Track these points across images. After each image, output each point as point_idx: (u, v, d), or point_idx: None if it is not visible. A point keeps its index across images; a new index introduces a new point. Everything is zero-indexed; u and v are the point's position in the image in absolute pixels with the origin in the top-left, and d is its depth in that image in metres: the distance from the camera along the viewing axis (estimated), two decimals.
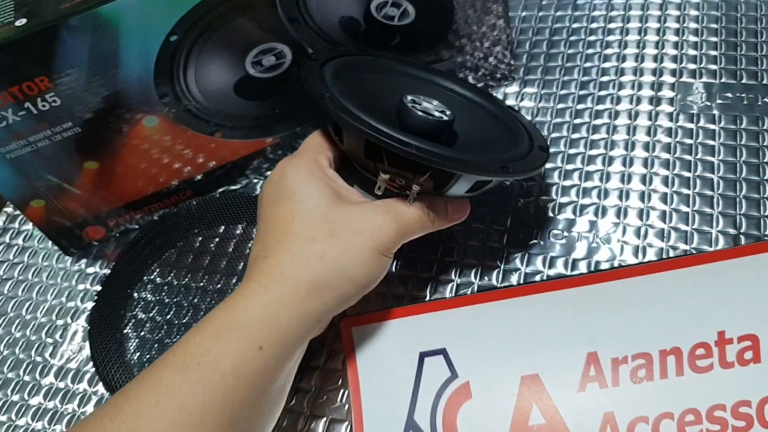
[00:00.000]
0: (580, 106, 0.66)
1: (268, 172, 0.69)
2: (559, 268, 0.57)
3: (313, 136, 0.54)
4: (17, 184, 0.60)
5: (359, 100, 0.50)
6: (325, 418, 0.53)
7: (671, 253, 0.56)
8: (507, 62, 0.68)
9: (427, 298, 0.57)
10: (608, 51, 0.70)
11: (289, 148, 0.68)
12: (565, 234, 0.59)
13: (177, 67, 0.58)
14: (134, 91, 0.58)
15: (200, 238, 0.66)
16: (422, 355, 0.52)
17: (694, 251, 0.55)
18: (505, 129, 0.55)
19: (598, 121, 0.65)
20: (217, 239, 0.65)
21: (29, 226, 0.73)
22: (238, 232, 0.66)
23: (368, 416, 0.51)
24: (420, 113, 0.50)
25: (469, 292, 0.57)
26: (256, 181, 0.70)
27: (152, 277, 0.64)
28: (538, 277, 0.57)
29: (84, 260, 0.68)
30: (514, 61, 0.69)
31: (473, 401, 0.50)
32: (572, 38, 0.72)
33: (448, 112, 0.52)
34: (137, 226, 0.69)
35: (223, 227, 0.66)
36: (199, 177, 0.67)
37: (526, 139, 0.54)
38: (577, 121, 0.65)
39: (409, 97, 0.52)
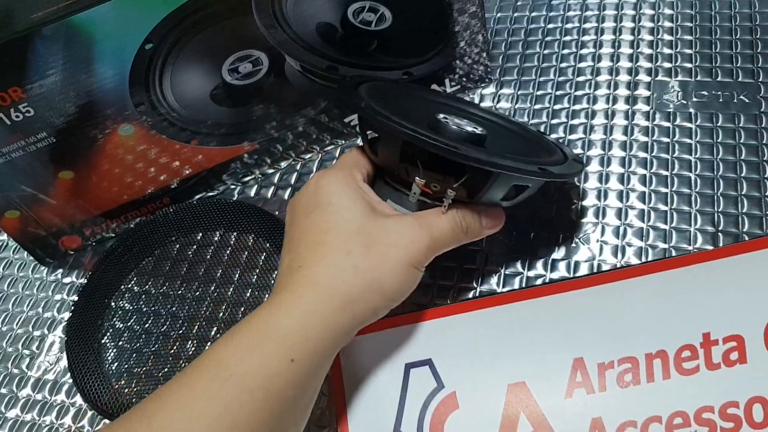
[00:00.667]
0: (557, 107, 0.67)
1: (246, 178, 0.69)
2: (539, 269, 0.57)
3: (349, 152, 0.54)
4: None
5: (393, 114, 0.50)
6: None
7: (650, 252, 0.56)
8: (484, 63, 0.68)
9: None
10: (584, 51, 0.70)
11: (266, 153, 0.68)
12: (544, 234, 0.59)
13: (152, 75, 0.57)
14: (109, 99, 0.57)
15: (178, 246, 0.65)
16: (408, 366, 0.52)
17: (673, 250, 0.56)
18: (537, 145, 0.56)
19: (575, 121, 0.65)
20: (195, 246, 0.65)
21: (4, 236, 0.72)
22: (216, 238, 0.65)
23: (354, 428, 0.50)
24: (453, 126, 0.51)
25: (449, 302, 0.57)
26: (233, 186, 0.69)
27: (130, 285, 0.64)
28: (517, 279, 0.57)
29: (60, 270, 0.68)
30: (490, 62, 0.69)
31: (460, 411, 0.50)
32: (547, 39, 0.72)
33: (479, 129, 0.52)
34: (114, 235, 0.68)
35: (200, 234, 0.66)
36: (175, 184, 0.66)
37: (559, 152, 0.54)
38: (555, 121, 0.66)
39: (441, 115, 0.52)
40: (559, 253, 0.58)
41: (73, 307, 0.62)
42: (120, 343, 0.60)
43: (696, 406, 0.47)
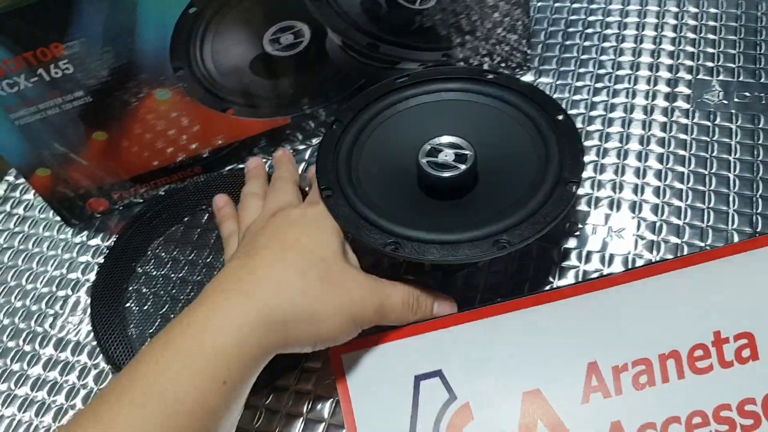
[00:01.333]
0: (596, 98, 0.66)
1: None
2: (573, 260, 0.57)
3: None
4: (24, 152, 0.59)
5: (376, 168, 0.55)
6: None
7: (686, 250, 0.55)
8: (522, 50, 0.67)
9: None
10: (624, 45, 0.70)
11: (298, 129, 0.67)
12: (580, 226, 0.58)
13: (194, 41, 0.57)
14: (149, 62, 0.56)
15: (207, 215, 0.65)
16: (417, 379, 0.51)
17: (708, 248, 0.55)
18: (537, 156, 0.54)
19: (614, 114, 0.65)
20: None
21: (30, 195, 0.72)
22: None
23: None
24: (434, 174, 0.53)
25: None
26: (264, 160, 0.69)
27: (157, 251, 0.63)
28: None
29: (86, 232, 0.67)
30: (530, 50, 0.68)
31: (476, 422, 0.49)
32: (588, 30, 0.72)
33: (469, 154, 0.54)
34: (141, 200, 0.68)
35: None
36: (206, 153, 0.66)
37: (555, 167, 0.53)
38: (593, 113, 0.65)
39: (428, 147, 0.55)
40: (593, 245, 0.57)
41: (98, 270, 0.62)
42: (145, 307, 0.60)
43: (713, 404, 0.46)
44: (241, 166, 0.68)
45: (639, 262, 0.56)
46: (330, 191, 0.54)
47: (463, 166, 0.54)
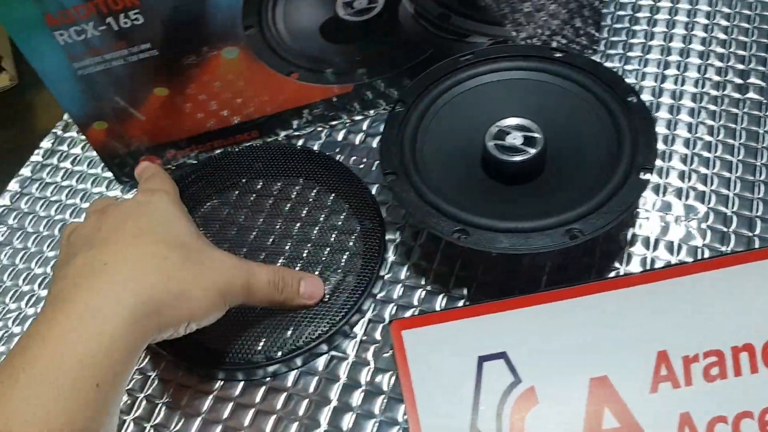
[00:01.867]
0: (664, 85, 0.65)
1: (333, 122, 0.67)
2: (639, 247, 0.56)
3: (164, 176, 0.55)
4: (84, 103, 0.58)
5: (440, 150, 0.54)
6: (374, 420, 0.51)
7: (757, 243, 0.54)
8: (590, 33, 0.66)
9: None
10: (696, 32, 0.68)
11: (357, 99, 0.66)
12: (647, 212, 0.57)
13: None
14: (221, 18, 0.55)
15: (261, 182, 0.63)
16: (481, 359, 0.50)
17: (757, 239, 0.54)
18: (608, 140, 0.53)
19: (682, 101, 0.63)
20: (278, 185, 0.63)
21: (78, 150, 0.70)
22: (297, 187, 0.62)
23: (426, 425, 0.48)
24: (502, 159, 0.52)
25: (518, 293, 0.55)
26: (320, 129, 0.67)
27: (206, 210, 0.61)
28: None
29: (135, 191, 0.66)
30: (598, 33, 0.67)
31: (541, 407, 0.48)
32: (657, 16, 0.70)
33: (538, 138, 0.52)
34: (195, 161, 0.66)
35: (281, 181, 0.63)
36: (264, 118, 0.64)
37: (627, 154, 0.51)
38: (661, 99, 0.64)
39: (494, 130, 0.53)
40: (665, 234, 0.56)
41: None
42: None
43: None
44: (296, 133, 0.67)
45: (707, 253, 0.54)
46: (394, 175, 0.52)
47: (532, 151, 0.52)
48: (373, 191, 0.62)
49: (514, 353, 0.50)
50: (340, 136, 0.67)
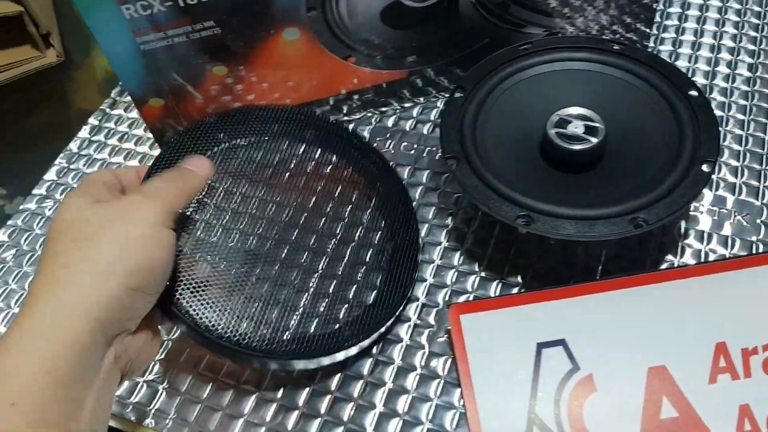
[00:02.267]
0: (715, 82, 0.65)
1: (383, 108, 0.67)
2: (692, 239, 0.56)
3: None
4: (143, 79, 0.58)
5: (500, 137, 0.54)
6: (429, 403, 0.51)
7: None
8: (641, 29, 0.66)
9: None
10: (747, 32, 0.68)
11: (408, 86, 0.66)
12: (702, 206, 0.57)
13: None
14: None
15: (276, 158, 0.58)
16: (539, 346, 0.50)
17: None
18: (669, 132, 0.53)
19: (734, 97, 0.64)
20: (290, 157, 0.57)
21: (124, 127, 0.70)
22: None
23: (483, 409, 0.49)
24: (564, 147, 0.52)
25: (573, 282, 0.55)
26: (369, 115, 0.67)
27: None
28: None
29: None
30: (649, 29, 0.67)
31: (599, 394, 0.48)
32: (708, 14, 0.70)
33: (600, 127, 0.53)
34: (245, 142, 0.66)
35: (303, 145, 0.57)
36: (316, 102, 0.65)
37: (688, 147, 0.52)
38: (712, 96, 0.64)
39: (555, 118, 0.53)
40: (728, 230, 0.56)
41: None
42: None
43: None
44: (346, 117, 0.67)
45: (761, 248, 0.55)
46: (455, 160, 0.53)
47: (594, 140, 0.53)
48: (424, 178, 0.62)
49: (573, 341, 0.50)
50: (390, 122, 0.67)
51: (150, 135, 0.69)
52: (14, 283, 0.60)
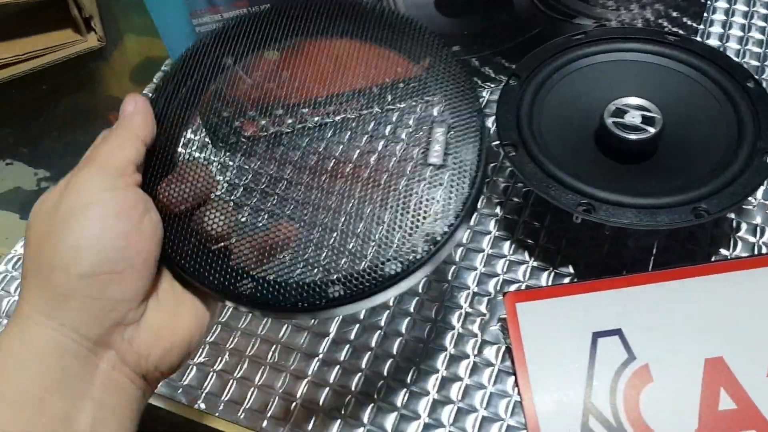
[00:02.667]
0: (765, 76, 0.65)
1: (430, 97, 0.67)
2: (744, 233, 0.56)
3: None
4: None
5: (556, 126, 0.54)
6: (483, 391, 0.51)
7: None
8: (689, 24, 0.66)
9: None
10: None
11: None
12: (754, 199, 0.57)
13: None
14: None
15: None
16: (595, 335, 0.50)
17: None
18: (727, 123, 0.53)
19: None
20: None
21: None
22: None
23: (539, 397, 0.49)
24: (622, 136, 0.52)
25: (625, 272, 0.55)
26: (414, 104, 0.67)
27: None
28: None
29: (228, 155, 0.66)
30: (697, 23, 0.67)
31: (655, 384, 0.48)
32: (756, 9, 0.70)
33: (657, 117, 0.53)
34: (290, 130, 0.66)
35: None
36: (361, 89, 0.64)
37: (749, 138, 0.51)
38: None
39: (612, 107, 0.53)
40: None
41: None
42: None
43: None
44: (391, 107, 0.67)
45: None
46: (513, 147, 0.52)
47: (651, 130, 0.53)
48: None
49: (629, 330, 0.50)
50: (435, 113, 0.67)
51: None
52: None
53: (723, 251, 0.55)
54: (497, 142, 0.63)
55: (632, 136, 0.52)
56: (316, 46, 0.50)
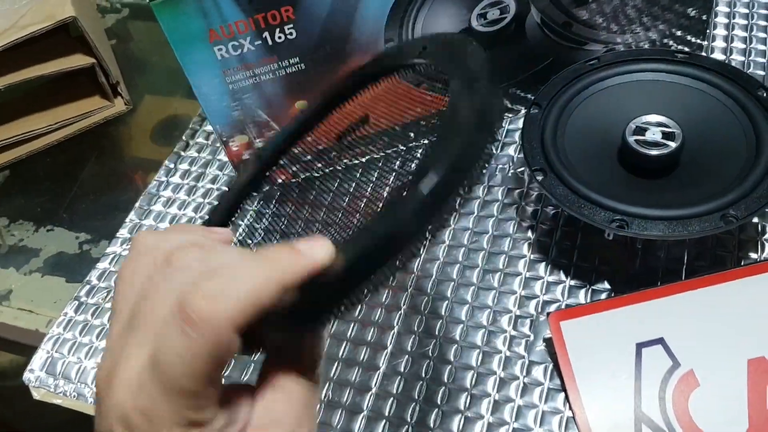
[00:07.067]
0: None
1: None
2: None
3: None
4: (230, 117, 0.60)
5: (580, 148, 0.56)
6: (535, 410, 0.52)
7: None
8: (694, 41, 0.69)
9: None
10: None
11: None
12: None
13: (410, 12, 0.58)
14: (365, 32, 0.58)
15: None
16: (639, 346, 0.52)
17: None
18: (744, 132, 0.56)
19: None
20: None
21: (199, 167, 0.73)
22: None
23: (591, 411, 0.50)
24: (645, 152, 0.55)
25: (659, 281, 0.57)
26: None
27: None
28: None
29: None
30: (702, 40, 0.69)
31: (702, 389, 0.50)
32: (755, 22, 0.73)
33: (677, 132, 0.55)
34: (318, 174, 0.68)
35: None
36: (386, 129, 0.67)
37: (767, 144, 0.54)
38: None
39: (633, 126, 0.56)
40: None
41: None
42: None
43: None
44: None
45: None
46: (542, 172, 0.55)
47: (673, 144, 0.55)
48: (498, 194, 0.64)
49: (671, 338, 0.52)
50: None
51: (225, 173, 0.71)
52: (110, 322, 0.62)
53: (752, 255, 0.57)
54: (522, 169, 0.65)
55: (655, 152, 0.55)
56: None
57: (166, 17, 0.52)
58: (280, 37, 0.56)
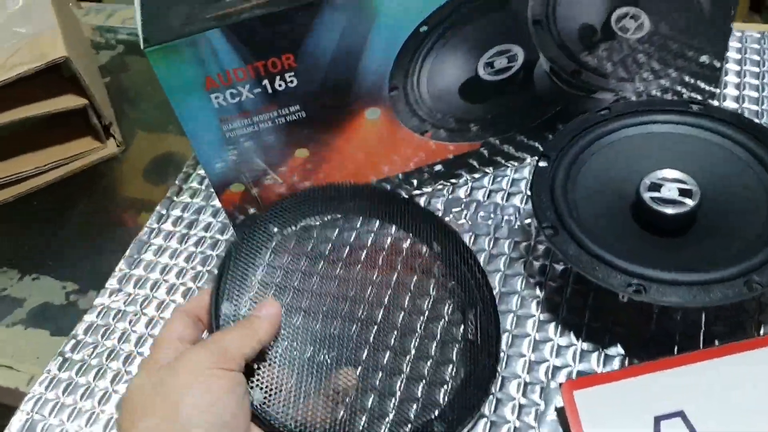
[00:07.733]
0: None
1: (453, 179, 0.67)
2: None
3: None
4: (226, 166, 0.58)
5: (592, 203, 0.54)
6: None
7: None
8: (706, 89, 0.67)
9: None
10: None
11: (475, 157, 0.66)
12: None
13: (417, 60, 0.56)
14: (369, 79, 0.55)
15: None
16: (657, 420, 0.49)
17: None
18: (763, 188, 0.53)
19: None
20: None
21: (191, 214, 0.70)
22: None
23: None
24: (661, 211, 0.52)
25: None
26: (440, 187, 0.67)
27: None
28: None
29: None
30: (714, 87, 0.67)
31: None
32: (766, 68, 0.71)
33: (694, 189, 0.53)
34: (319, 222, 0.66)
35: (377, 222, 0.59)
36: (392, 176, 0.64)
37: None
38: None
39: (648, 182, 0.53)
40: None
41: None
42: None
43: None
44: (417, 192, 0.67)
45: None
46: (552, 229, 0.52)
47: (691, 202, 0.52)
48: (506, 247, 0.62)
49: (691, 411, 0.49)
50: (462, 193, 0.67)
51: (219, 221, 0.68)
52: (96, 381, 0.58)
53: None
54: (528, 221, 0.63)
55: (671, 210, 0.52)
56: None
57: (161, 65, 0.49)
58: (280, 85, 0.53)
